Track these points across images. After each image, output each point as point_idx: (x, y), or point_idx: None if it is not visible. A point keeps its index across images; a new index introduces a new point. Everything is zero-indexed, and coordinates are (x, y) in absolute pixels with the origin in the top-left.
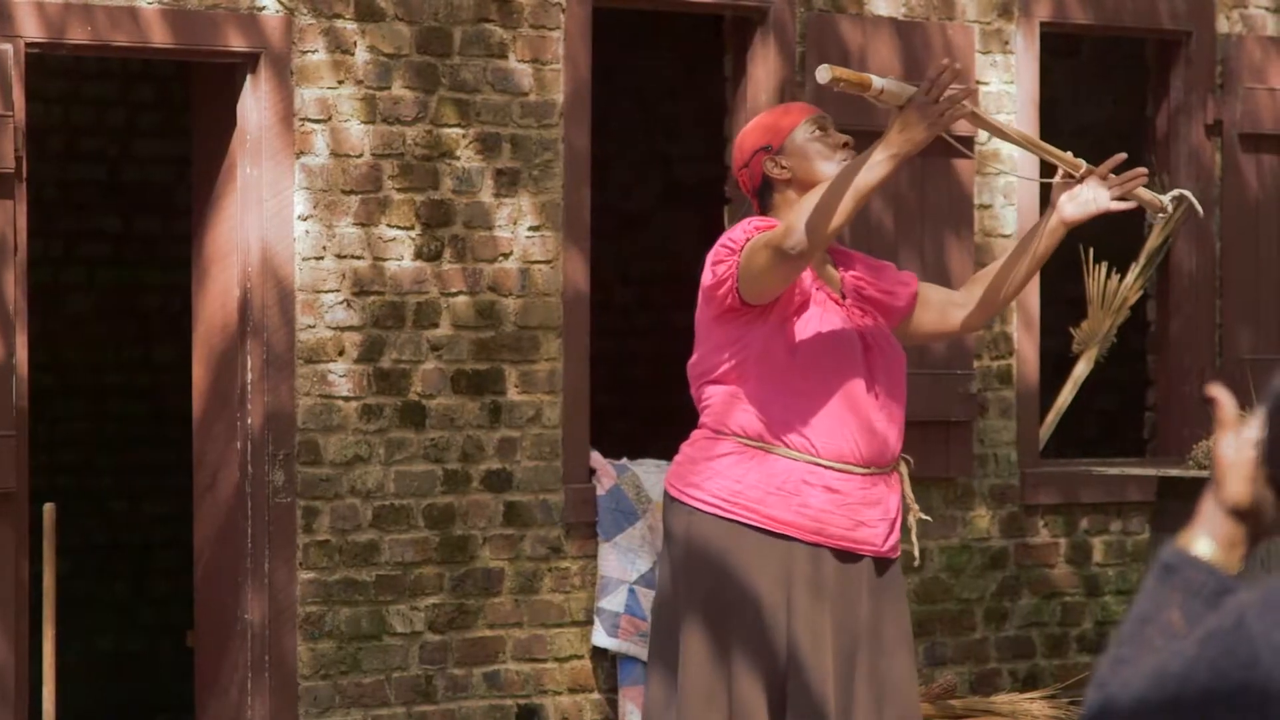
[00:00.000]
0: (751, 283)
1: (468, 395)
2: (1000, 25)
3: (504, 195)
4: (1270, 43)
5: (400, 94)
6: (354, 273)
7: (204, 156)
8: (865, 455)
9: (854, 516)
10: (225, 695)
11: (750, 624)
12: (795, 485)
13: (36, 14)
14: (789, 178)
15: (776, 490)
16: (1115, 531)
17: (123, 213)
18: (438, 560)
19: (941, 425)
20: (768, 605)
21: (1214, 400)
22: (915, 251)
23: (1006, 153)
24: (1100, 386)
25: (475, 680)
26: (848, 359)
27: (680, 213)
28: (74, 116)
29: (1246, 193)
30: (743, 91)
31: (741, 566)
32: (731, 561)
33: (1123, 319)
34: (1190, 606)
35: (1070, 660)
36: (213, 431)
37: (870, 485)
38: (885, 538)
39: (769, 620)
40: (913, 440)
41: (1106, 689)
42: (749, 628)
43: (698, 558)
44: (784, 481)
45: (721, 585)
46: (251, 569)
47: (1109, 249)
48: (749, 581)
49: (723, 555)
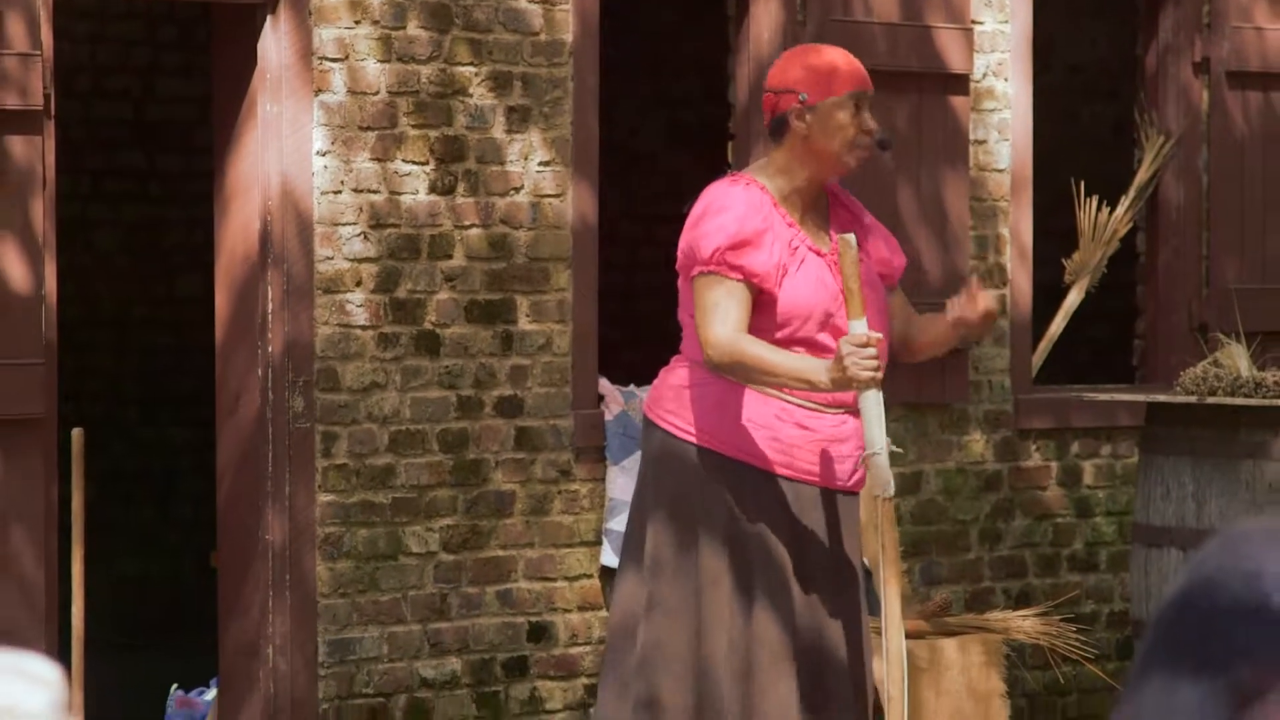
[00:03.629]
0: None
1: (480, 324)
2: None
3: (515, 131)
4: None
5: (415, 33)
6: (371, 206)
7: (225, 95)
8: (836, 396)
9: (822, 451)
10: (247, 614)
11: (717, 543)
12: (767, 419)
13: None
14: (806, 134)
15: (748, 422)
16: (1105, 455)
17: (147, 150)
18: (452, 483)
19: None
20: (735, 527)
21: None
22: (913, 185)
23: (1001, 92)
24: (1091, 316)
25: (488, 598)
26: (826, 306)
27: (684, 151)
28: (100, 56)
29: (1232, 128)
30: (744, 33)
31: (713, 491)
32: (704, 485)
33: (1113, 250)
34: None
35: (1061, 579)
36: (235, 360)
37: (840, 423)
38: (851, 473)
39: (735, 540)
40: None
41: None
42: (715, 546)
43: (671, 478)
44: (755, 414)
45: (692, 505)
46: (272, 492)
47: (1099, 183)
48: (719, 505)
49: (697, 479)
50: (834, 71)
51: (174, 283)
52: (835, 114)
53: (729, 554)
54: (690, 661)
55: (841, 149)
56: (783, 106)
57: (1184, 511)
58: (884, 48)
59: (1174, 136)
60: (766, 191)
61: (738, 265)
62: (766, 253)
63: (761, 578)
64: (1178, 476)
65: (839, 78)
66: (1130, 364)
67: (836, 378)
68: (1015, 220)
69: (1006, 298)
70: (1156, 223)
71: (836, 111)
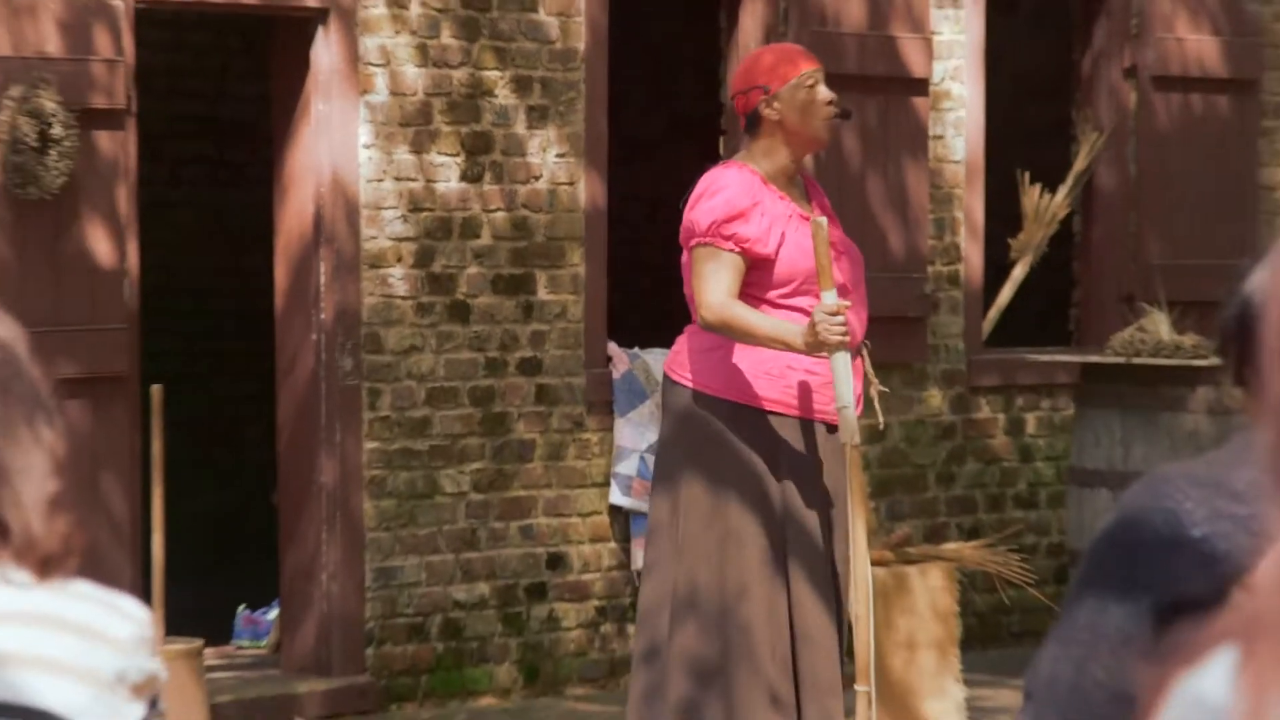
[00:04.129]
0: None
1: (505, 295)
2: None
3: (535, 127)
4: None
5: (448, 42)
6: (409, 192)
7: (283, 95)
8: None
9: (829, 392)
10: (304, 545)
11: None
12: (780, 370)
13: None
14: (779, 119)
15: (764, 375)
16: (1045, 408)
17: (216, 142)
18: (480, 432)
19: (901, 320)
20: (760, 468)
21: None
22: (880, 175)
23: (957, 94)
24: (1034, 287)
25: (512, 532)
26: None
27: (683, 142)
28: (176, 62)
29: (1157, 125)
30: (735, 39)
31: (737, 438)
32: (728, 434)
33: (1053, 231)
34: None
35: (1006, 515)
36: (292, 325)
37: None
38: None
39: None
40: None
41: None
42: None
43: (697, 430)
44: (770, 367)
45: (719, 452)
46: (325, 440)
47: (1041, 172)
48: (743, 450)
49: (720, 429)
50: (786, 60)
51: (239, 258)
52: (797, 94)
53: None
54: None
55: (812, 121)
56: (752, 102)
57: (1113, 457)
58: (854, 55)
59: (1106, 132)
60: (756, 173)
61: (730, 235)
62: (756, 224)
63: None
64: (1108, 426)
65: (791, 64)
66: (1067, 329)
67: (810, 341)
68: (968, 205)
69: (960, 272)
70: (1090, 207)
71: (797, 92)
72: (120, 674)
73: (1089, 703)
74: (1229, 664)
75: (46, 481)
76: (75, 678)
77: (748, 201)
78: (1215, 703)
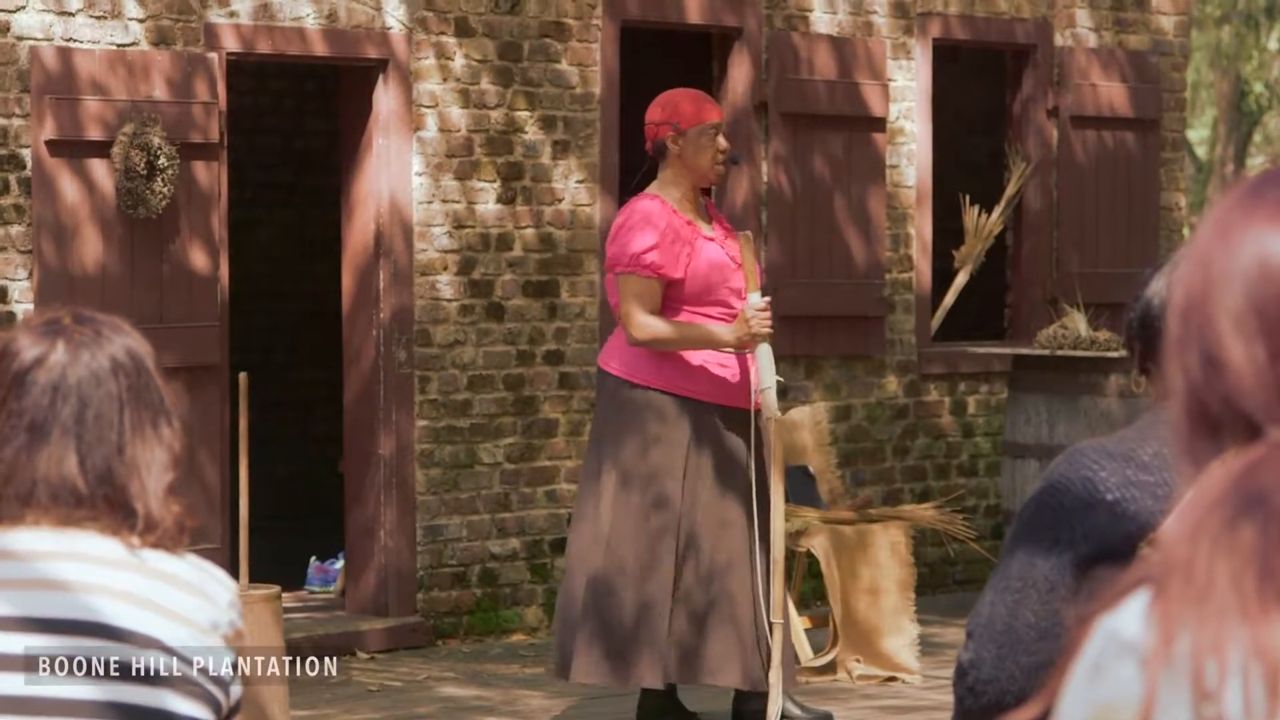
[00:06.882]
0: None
1: (533, 298)
2: (904, 40)
3: (558, 158)
4: (1092, 52)
5: (486, 88)
6: (454, 213)
7: (350, 131)
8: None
9: (739, 382)
10: (365, 506)
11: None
12: (700, 363)
13: (234, 33)
14: (678, 154)
15: (686, 368)
16: (984, 392)
17: (294, 171)
18: (513, 412)
19: (863, 319)
20: (679, 449)
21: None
22: (845, 197)
23: (909, 130)
24: (973, 291)
25: (539, 496)
26: (724, 274)
27: None
28: (260, 104)
29: (1075, 157)
30: (724, 88)
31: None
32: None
33: (989, 245)
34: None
35: (951, 482)
36: (356, 323)
37: (743, 360)
38: (749, 396)
39: (685, 456)
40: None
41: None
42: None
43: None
44: (692, 361)
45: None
46: (383, 418)
47: (979, 196)
48: (665, 433)
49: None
50: (700, 106)
51: (311, 267)
52: (700, 138)
53: (680, 465)
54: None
55: (705, 163)
56: (662, 134)
57: (1040, 433)
58: (824, 98)
59: (1033, 163)
60: (665, 203)
61: (649, 265)
62: (668, 251)
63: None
64: (1036, 408)
65: (703, 111)
66: (1002, 326)
67: (741, 334)
68: (919, 223)
69: (912, 279)
70: (1020, 225)
71: (701, 136)
72: (215, 624)
73: (1021, 640)
74: (1142, 605)
75: (166, 474)
76: (183, 623)
77: (659, 232)
78: (1130, 638)
